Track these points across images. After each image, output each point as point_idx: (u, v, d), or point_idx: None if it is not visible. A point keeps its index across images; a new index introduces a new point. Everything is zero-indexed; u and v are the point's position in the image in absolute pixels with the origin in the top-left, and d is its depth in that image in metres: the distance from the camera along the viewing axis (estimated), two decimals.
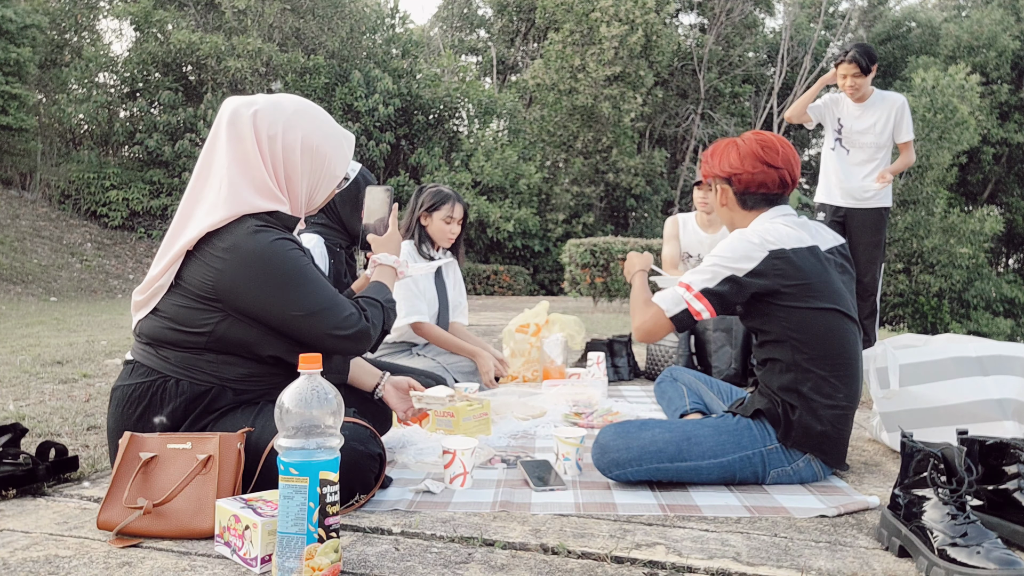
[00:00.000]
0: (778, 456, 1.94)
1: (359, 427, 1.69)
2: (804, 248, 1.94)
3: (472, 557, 1.45)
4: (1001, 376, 2.17)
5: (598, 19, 19.95)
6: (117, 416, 1.73)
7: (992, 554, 1.32)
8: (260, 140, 1.72)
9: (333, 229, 2.73)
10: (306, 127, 1.77)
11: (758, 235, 1.95)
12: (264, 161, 1.73)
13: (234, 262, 1.64)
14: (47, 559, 1.42)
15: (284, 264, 1.66)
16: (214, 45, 16.65)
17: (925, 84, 19.93)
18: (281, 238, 1.68)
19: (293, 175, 1.77)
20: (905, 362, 2.31)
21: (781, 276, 1.90)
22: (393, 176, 18.88)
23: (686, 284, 1.97)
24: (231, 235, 1.65)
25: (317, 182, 1.83)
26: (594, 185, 21.38)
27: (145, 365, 1.72)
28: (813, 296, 1.91)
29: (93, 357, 4.56)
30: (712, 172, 2.12)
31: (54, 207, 16.05)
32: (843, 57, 3.89)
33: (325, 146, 1.80)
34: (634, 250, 5.09)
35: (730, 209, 2.12)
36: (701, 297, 1.94)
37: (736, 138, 2.10)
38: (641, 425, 1.96)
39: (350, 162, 1.91)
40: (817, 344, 1.91)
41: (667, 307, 1.98)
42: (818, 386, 1.91)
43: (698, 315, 1.95)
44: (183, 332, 1.68)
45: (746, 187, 2.04)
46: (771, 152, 2.02)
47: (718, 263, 1.95)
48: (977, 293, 21.38)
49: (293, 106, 1.78)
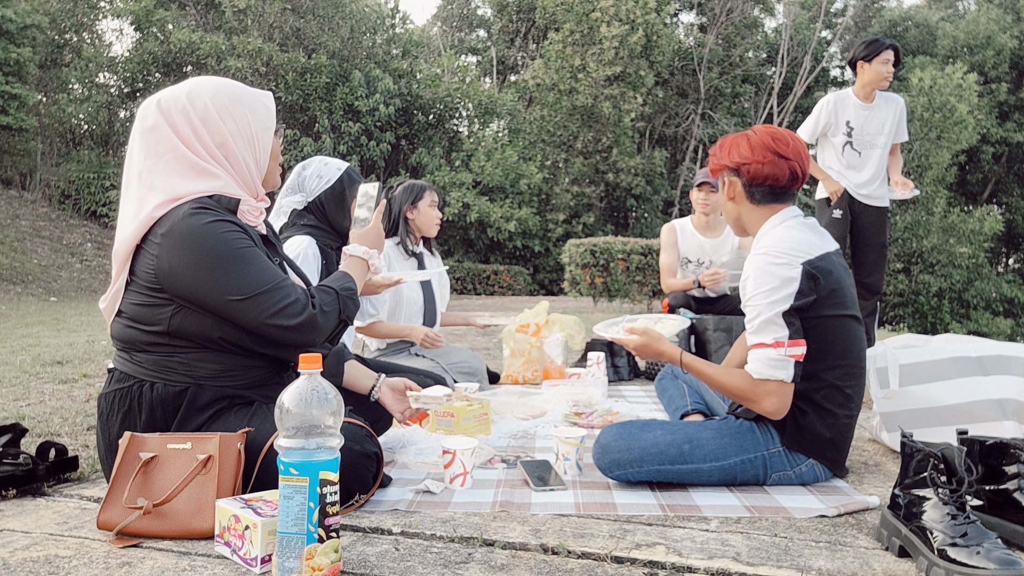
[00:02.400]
0: (780, 459, 1.93)
1: (355, 427, 1.69)
2: (828, 253, 1.91)
3: (472, 557, 1.45)
4: (1001, 376, 2.17)
5: (598, 19, 19.95)
6: (103, 426, 1.72)
7: (992, 554, 1.32)
8: (174, 122, 1.68)
9: (322, 229, 2.71)
10: (212, 91, 1.72)
11: (782, 253, 1.86)
12: (184, 139, 1.68)
13: (169, 246, 1.60)
14: (47, 559, 1.42)
15: (217, 245, 1.59)
16: (214, 45, 16.66)
17: (923, 84, 19.95)
18: (217, 220, 1.62)
19: (225, 141, 1.71)
20: (905, 362, 2.31)
21: (816, 286, 1.85)
22: (393, 176, 18.88)
23: (768, 343, 1.85)
24: (168, 219, 1.62)
25: (251, 139, 1.75)
26: (594, 185, 21.38)
27: (122, 371, 1.71)
28: (838, 303, 1.88)
29: (93, 357, 4.56)
30: (721, 164, 2.06)
31: (54, 207, 16.04)
32: (883, 46, 3.85)
33: (239, 102, 1.74)
34: (634, 251, 5.07)
35: (737, 203, 2.05)
36: (793, 342, 1.84)
37: (746, 131, 2.05)
38: (643, 426, 1.96)
39: (273, 114, 1.82)
40: (835, 352, 1.89)
41: (785, 374, 1.84)
42: (830, 395, 1.90)
43: (801, 357, 1.86)
44: (145, 331, 1.66)
45: (755, 178, 1.98)
46: (782, 144, 1.97)
47: (767, 305, 1.84)
48: (977, 293, 21.38)
49: (194, 81, 1.74)
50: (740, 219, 2.07)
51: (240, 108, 1.73)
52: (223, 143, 1.71)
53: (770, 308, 1.84)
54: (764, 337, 1.85)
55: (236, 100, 1.73)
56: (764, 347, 1.85)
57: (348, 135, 17.70)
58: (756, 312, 1.86)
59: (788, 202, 2.02)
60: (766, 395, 1.85)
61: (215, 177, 1.69)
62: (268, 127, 1.78)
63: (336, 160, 2.75)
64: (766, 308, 1.84)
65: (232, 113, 1.72)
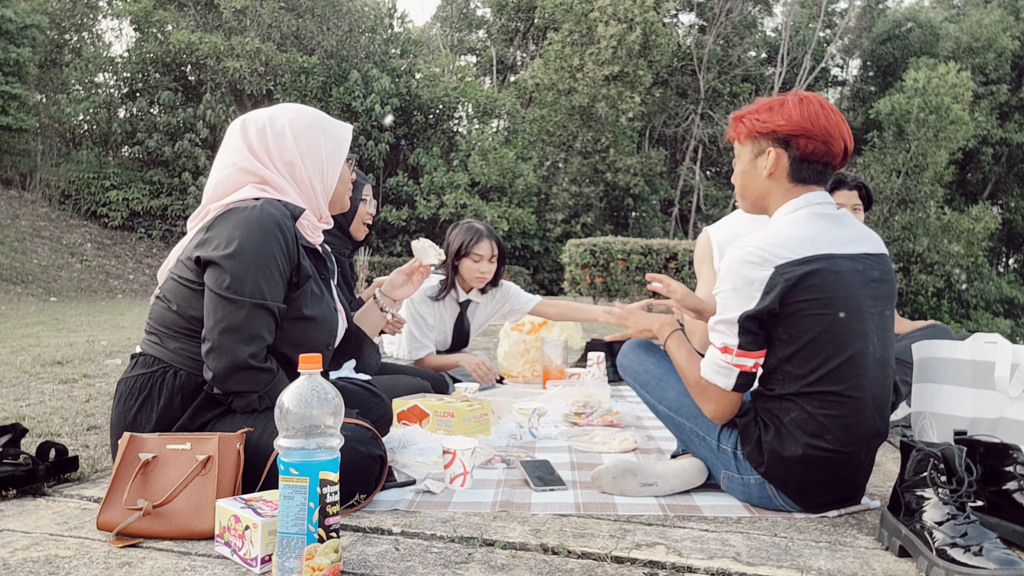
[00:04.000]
0: (729, 459, 1.79)
1: (360, 428, 1.69)
2: (832, 255, 1.66)
3: (472, 557, 1.45)
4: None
5: (597, 19, 19.94)
6: (119, 410, 1.74)
7: (992, 554, 1.32)
8: (249, 138, 1.80)
9: (337, 236, 2.74)
10: (290, 115, 1.83)
11: (760, 251, 1.64)
12: (256, 155, 1.79)
13: (226, 216, 1.69)
14: (47, 559, 1.42)
15: (260, 234, 1.65)
16: (213, 45, 16.66)
17: (917, 84, 19.97)
18: (281, 218, 1.69)
19: (293, 160, 1.80)
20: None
21: (786, 295, 1.66)
22: (392, 176, 18.88)
23: (717, 346, 1.70)
24: (240, 203, 1.72)
25: (320, 162, 1.84)
26: (593, 185, 21.37)
27: (149, 355, 1.74)
28: (822, 317, 1.67)
29: (93, 357, 4.56)
30: (766, 128, 1.72)
31: (54, 207, 16.04)
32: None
33: (315, 125, 1.84)
34: (634, 251, 5.01)
35: (775, 180, 1.74)
36: (743, 352, 1.71)
37: (787, 95, 1.74)
38: (647, 347, 2.02)
39: (347, 142, 1.91)
40: (813, 375, 1.69)
41: (725, 382, 1.70)
42: (801, 420, 1.68)
43: (751, 368, 1.74)
44: (183, 317, 1.70)
45: (812, 153, 1.69)
46: (833, 115, 1.70)
47: (723, 305, 1.70)
48: (977, 293, 21.39)
49: (278, 106, 1.86)
50: (766, 198, 1.78)
51: (314, 131, 1.83)
52: (291, 161, 1.80)
53: (727, 310, 1.66)
54: (715, 338, 1.70)
55: (312, 124, 1.83)
56: (714, 348, 1.71)
57: None
58: (719, 308, 1.70)
59: (824, 184, 1.75)
60: (706, 398, 1.74)
61: (279, 190, 1.78)
62: (339, 154, 1.87)
63: None
64: (723, 308, 1.68)
65: (306, 134, 1.81)
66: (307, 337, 1.77)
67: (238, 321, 1.63)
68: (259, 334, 1.65)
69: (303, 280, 1.75)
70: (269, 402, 1.69)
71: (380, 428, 2.08)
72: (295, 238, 1.73)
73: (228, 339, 1.62)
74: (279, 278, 1.69)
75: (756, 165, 1.76)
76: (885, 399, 1.71)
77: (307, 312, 1.75)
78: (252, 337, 1.64)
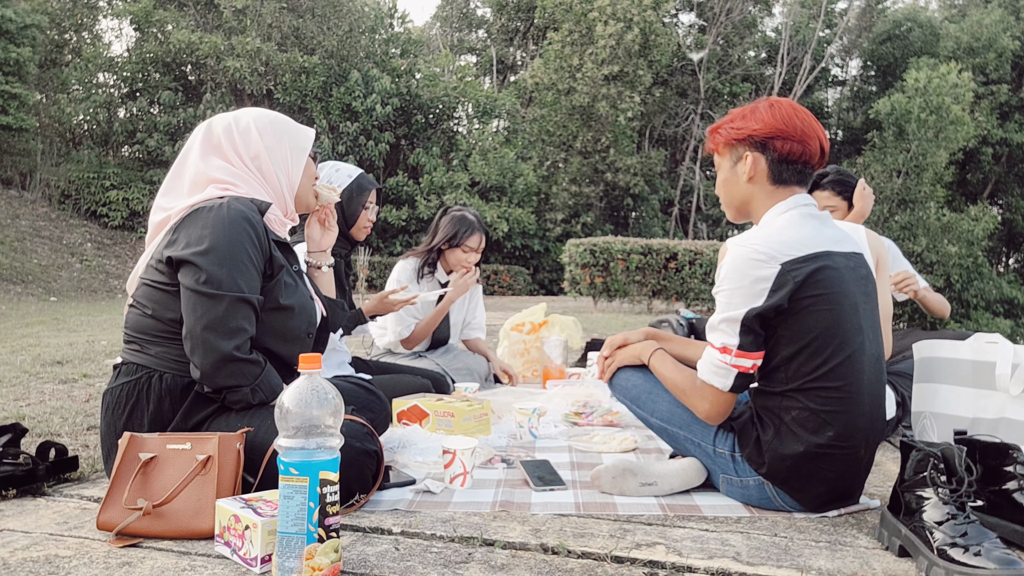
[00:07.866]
0: (727, 463, 1.79)
1: (355, 424, 1.69)
2: (830, 253, 1.69)
3: (472, 557, 1.45)
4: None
5: (596, 18, 19.95)
6: (107, 420, 1.75)
7: (992, 554, 1.32)
8: (215, 137, 1.86)
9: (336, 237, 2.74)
10: (254, 114, 1.91)
11: (765, 248, 1.64)
12: (223, 152, 1.85)
13: (194, 217, 1.72)
14: (47, 559, 1.42)
15: (230, 229, 1.68)
16: (213, 45, 16.67)
17: (918, 84, 19.96)
18: (249, 212, 1.72)
19: (260, 152, 1.86)
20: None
21: (794, 292, 1.66)
22: (392, 176, 18.88)
23: (716, 346, 1.70)
24: (204, 206, 1.74)
25: (285, 156, 1.90)
26: (593, 185, 21.38)
27: (131, 363, 1.75)
28: (826, 314, 1.68)
29: (93, 357, 4.56)
30: (741, 135, 1.75)
31: (54, 207, 16.05)
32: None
33: (278, 123, 1.92)
34: (634, 251, 4.98)
35: (755, 184, 1.76)
36: (742, 353, 1.70)
37: (758, 101, 1.78)
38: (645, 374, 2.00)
39: (309, 138, 1.98)
40: (816, 371, 1.69)
41: (722, 383, 1.69)
42: (803, 418, 1.69)
43: (750, 369, 1.74)
44: (160, 320, 1.71)
45: (788, 154, 1.71)
46: (806, 115, 1.74)
47: (727, 304, 1.68)
48: (977, 293, 21.39)
49: (244, 109, 1.96)
50: (750, 203, 1.80)
51: (278, 127, 1.91)
52: (257, 154, 1.87)
53: (730, 308, 1.65)
54: (715, 338, 1.69)
55: (275, 121, 1.92)
56: (713, 348, 1.70)
57: (346, 135, 17.70)
58: (720, 307, 1.69)
59: (806, 185, 1.78)
60: (701, 398, 1.74)
61: (245, 181, 1.84)
62: (303, 147, 1.95)
63: (348, 166, 2.81)
64: (726, 307, 1.66)
65: (270, 130, 1.89)
66: (286, 327, 1.80)
67: (218, 316, 1.64)
68: (240, 327, 1.67)
69: (276, 271, 1.78)
70: (263, 395, 1.70)
71: (377, 426, 2.08)
72: (265, 230, 1.76)
73: (210, 334, 1.64)
74: (254, 270, 1.71)
75: (736, 172, 1.79)
76: (881, 394, 1.74)
77: (283, 302, 1.78)
78: (234, 330, 1.66)
